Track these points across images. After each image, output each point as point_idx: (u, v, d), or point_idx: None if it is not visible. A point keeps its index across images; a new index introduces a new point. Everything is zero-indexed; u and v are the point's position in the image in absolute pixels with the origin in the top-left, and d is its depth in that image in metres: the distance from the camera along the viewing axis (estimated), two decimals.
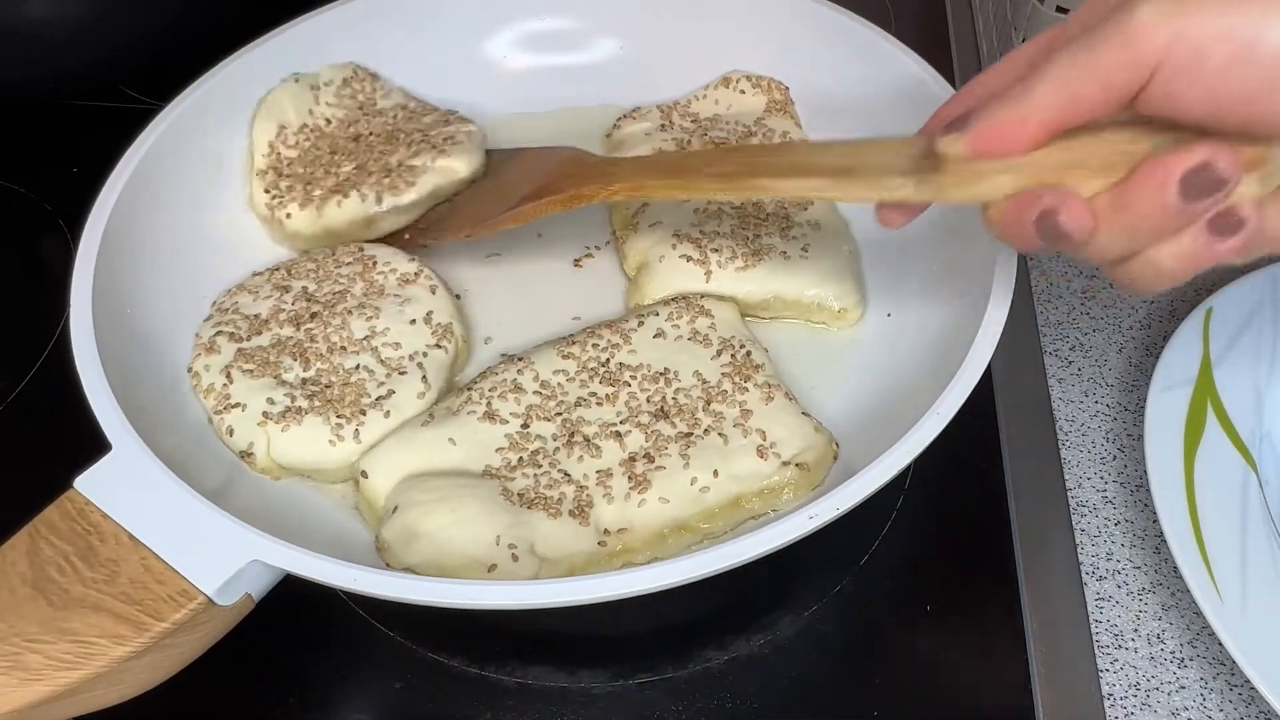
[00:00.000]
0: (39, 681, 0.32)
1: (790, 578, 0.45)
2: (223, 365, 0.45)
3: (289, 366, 0.45)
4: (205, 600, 0.34)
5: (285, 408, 0.43)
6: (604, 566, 0.40)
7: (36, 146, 0.65)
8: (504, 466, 0.42)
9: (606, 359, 0.45)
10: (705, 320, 0.47)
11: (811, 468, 0.42)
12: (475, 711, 0.41)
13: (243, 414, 0.43)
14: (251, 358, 0.45)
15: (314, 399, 0.43)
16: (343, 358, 0.45)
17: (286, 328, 0.46)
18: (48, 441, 0.49)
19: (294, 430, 0.42)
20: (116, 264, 0.45)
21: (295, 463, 0.43)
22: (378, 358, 0.45)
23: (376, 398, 0.44)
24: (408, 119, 0.54)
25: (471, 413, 0.43)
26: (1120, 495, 0.48)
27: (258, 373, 0.44)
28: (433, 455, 0.42)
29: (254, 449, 0.43)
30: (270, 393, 0.43)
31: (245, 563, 0.34)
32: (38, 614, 0.33)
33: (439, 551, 0.38)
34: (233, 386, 0.44)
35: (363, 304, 0.47)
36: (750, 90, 0.57)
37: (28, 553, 0.35)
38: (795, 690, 0.41)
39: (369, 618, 0.44)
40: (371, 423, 0.43)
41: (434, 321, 0.47)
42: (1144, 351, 0.53)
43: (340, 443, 0.42)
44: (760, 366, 0.45)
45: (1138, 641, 0.43)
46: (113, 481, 0.36)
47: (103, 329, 0.41)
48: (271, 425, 0.43)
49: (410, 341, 0.46)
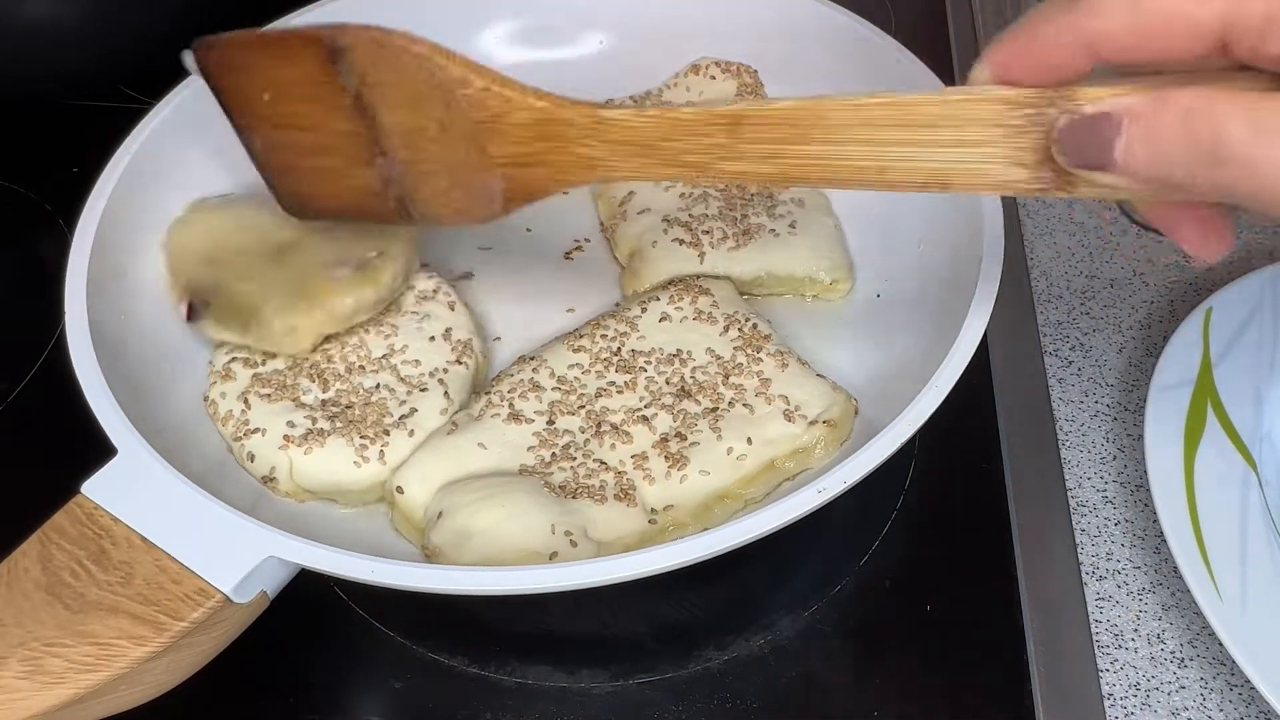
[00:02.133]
0: (61, 685, 0.32)
1: (790, 578, 0.45)
2: (239, 391, 0.44)
3: (307, 389, 0.44)
4: (223, 598, 0.34)
5: (307, 430, 0.42)
6: (658, 542, 0.39)
7: (36, 146, 0.65)
8: (539, 464, 0.42)
9: (618, 348, 0.46)
10: (706, 299, 0.47)
11: (838, 422, 0.43)
12: (475, 711, 0.41)
13: (263, 439, 0.42)
14: (268, 382, 0.44)
15: (335, 420, 0.43)
16: (362, 377, 0.44)
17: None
18: (49, 442, 0.49)
19: (317, 453, 0.42)
20: (111, 263, 0.45)
21: (320, 485, 0.42)
22: (398, 376, 0.45)
23: (399, 416, 0.43)
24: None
25: (496, 416, 0.43)
26: (1120, 495, 0.48)
27: (275, 396, 0.43)
28: (466, 461, 0.42)
29: (276, 473, 0.42)
30: (290, 415, 0.43)
31: (261, 559, 0.34)
32: (55, 618, 0.33)
33: (495, 547, 0.38)
34: (251, 412, 0.43)
35: (379, 322, 0.46)
36: (720, 75, 0.58)
37: (39, 558, 0.35)
38: (795, 690, 0.41)
39: (369, 618, 0.44)
40: (396, 442, 0.42)
41: (453, 338, 0.46)
42: (1144, 351, 0.53)
43: (365, 464, 0.42)
44: (769, 337, 0.46)
45: (1138, 641, 0.43)
46: (120, 485, 0.36)
47: (100, 331, 0.41)
48: (294, 448, 0.42)
49: (430, 359, 0.45)
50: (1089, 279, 0.57)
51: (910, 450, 0.48)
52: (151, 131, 0.49)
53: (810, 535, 0.35)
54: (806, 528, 0.36)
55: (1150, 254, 0.58)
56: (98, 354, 0.40)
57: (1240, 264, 0.57)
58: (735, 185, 0.53)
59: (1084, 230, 0.59)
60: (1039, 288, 0.56)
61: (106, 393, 0.39)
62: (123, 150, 0.48)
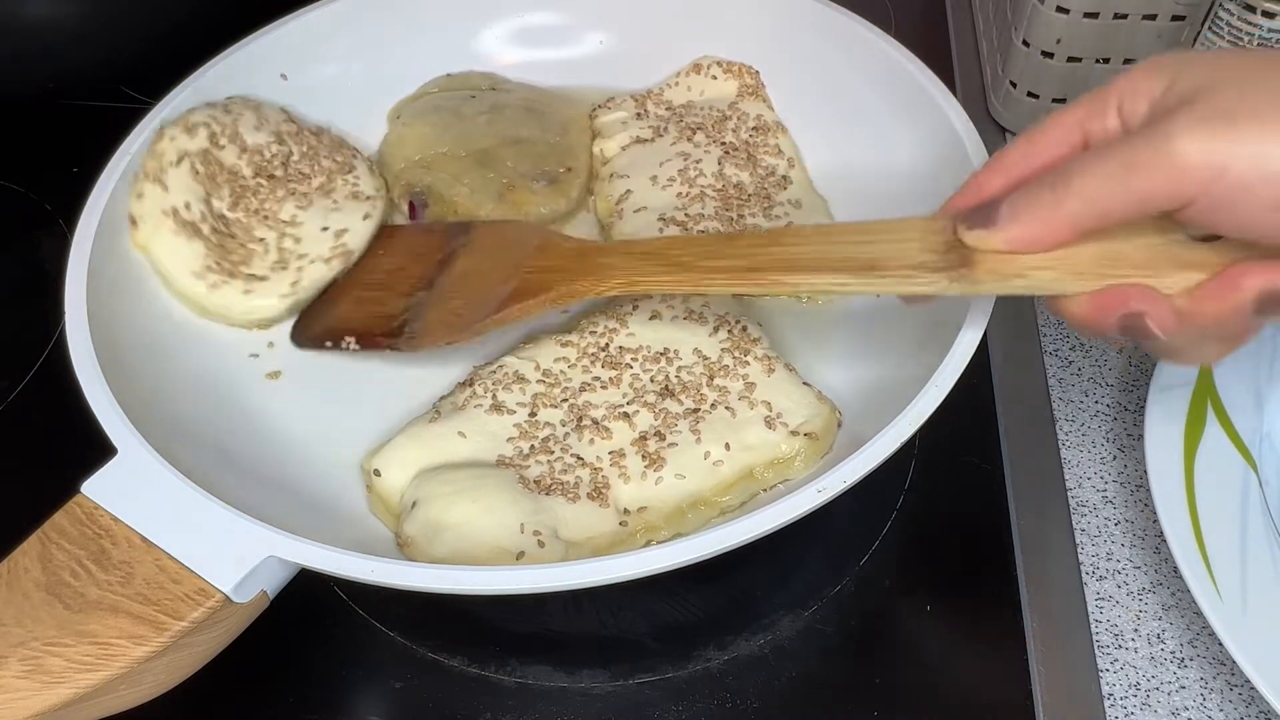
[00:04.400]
0: (62, 684, 0.32)
1: (790, 577, 0.45)
2: (185, 150, 0.47)
3: (223, 196, 0.47)
4: (223, 598, 0.34)
5: (192, 221, 0.46)
6: (628, 545, 0.40)
7: (36, 146, 0.65)
8: (517, 455, 0.42)
9: (606, 343, 0.46)
10: (698, 299, 0.47)
11: (819, 435, 0.42)
12: (475, 711, 0.41)
13: (162, 195, 0.46)
14: (209, 163, 0.47)
15: (214, 234, 0.46)
16: (258, 224, 0.48)
17: (248, 167, 0.48)
18: (49, 442, 0.49)
19: (179, 240, 0.45)
20: (112, 263, 0.45)
21: (154, 258, 0.46)
22: (278, 244, 0.47)
23: (251, 274, 0.46)
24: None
25: (478, 406, 0.44)
26: (1120, 495, 0.48)
27: (201, 179, 0.47)
28: (444, 449, 0.42)
29: (141, 223, 0.46)
30: (189, 199, 0.46)
31: (261, 559, 0.34)
32: (55, 618, 0.33)
33: (466, 542, 0.39)
34: (173, 171, 0.47)
35: (308, 194, 0.49)
36: (721, 75, 0.58)
37: (39, 558, 0.35)
38: (795, 690, 0.41)
39: (369, 618, 0.44)
40: (231, 287, 0.46)
41: (341, 240, 0.48)
42: (1144, 351, 0.53)
43: (198, 281, 0.45)
44: (758, 340, 0.46)
45: (1138, 641, 0.43)
46: (120, 485, 0.36)
47: (99, 330, 0.41)
48: (170, 222, 0.45)
49: (309, 245, 0.48)
50: None
51: (910, 450, 0.48)
52: (151, 131, 0.49)
53: (810, 535, 0.35)
54: (806, 528, 0.36)
55: None
56: (98, 354, 0.40)
57: None
58: (731, 184, 0.53)
59: None
60: None
61: (106, 392, 0.39)
62: (123, 150, 0.48)
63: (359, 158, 0.53)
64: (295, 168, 0.50)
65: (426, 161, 0.54)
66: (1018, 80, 0.61)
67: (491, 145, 0.54)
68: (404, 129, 0.55)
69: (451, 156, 0.54)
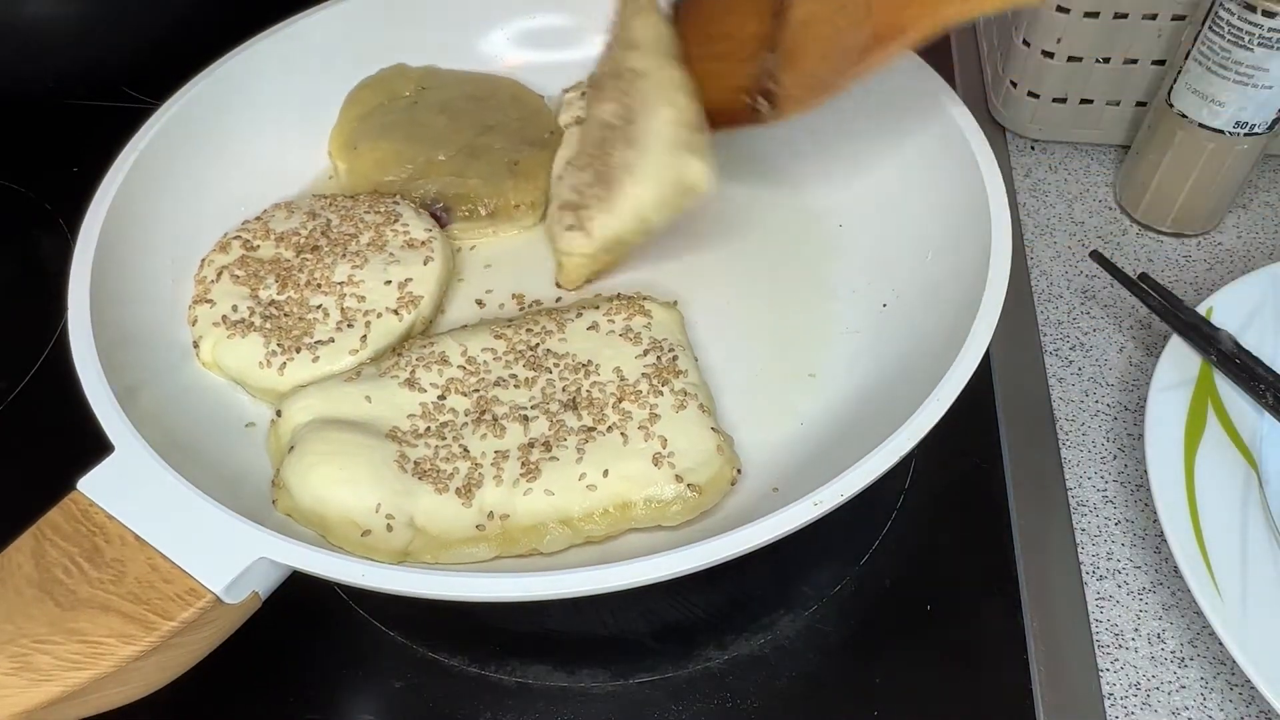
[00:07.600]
0: (49, 682, 0.32)
1: (790, 578, 0.45)
2: (223, 265, 0.49)
3: (269, 285, 0.48)
4: (213, 599, 0.34)
5: (242, 318, 0.47)
6: (478, 550, 0.40)
7: (36, 146, 0.65)
8: (410, 433, 0.42)
9: (536, 344, 0.46)
10: (641, 319, 0.47)
11: (702, 489, 0.41)
12: (475, 711, 0.41)
13: (209, 310, 0.47)
14: (247, 265, 0.49)
15: (268, 321, 0.46)
16: (312, 294, 0.48)
17: (289, 250, 0.49)
18: (49, 442, 0.49)
19: (236, 341, 0.46)
20: (114, 263, 0.45)
21: (227, 368, 0.46)
22: (340, 304, 0.47)
23: (316, 340, 0.46)
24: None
25: (395, 378, 0.44)
26: (1120, 495, 0.48)
27: (243, 280, 0.48)
28: (345, 407, 0.43)
29: (201, 343, 0.47)
30: (239, 301, 0.47)
31: (252, 560, 0.34)
32: (45, 615, 0.33)
33: (321, 505, 0.39)
34: (216, 285, 0.48)
35: (359, 252, 0.49)
36: None
37: (33, 554, 0.35)
38: (795, 690, 0.41)
39: (369, 617, 0.44)
40: (299, 361, 0.45)
41: (407, 289, 0.48)
42: (1144, 351, 0.53)
43: (267, 368, 0.45)
44: (683, 373, 0.44)
45: (1138, 641, 0.43)
46: (116, 482, 0.36)
47: (101, 329, 0.41)
48: (223, 329, 0.46)
49: (374, 299, 0.48)
50: (1089, 279, 0.57)
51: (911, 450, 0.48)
52: (157, 132, 0.49)
53: (810, 535, 0.35)
54: (806, 528, 0.36)
55: (1151, 253, 0.58)
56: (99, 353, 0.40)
57: (1240, 264, 0.57)
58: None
59: (1084, 230, 0.59)
60: (1039, 288, 0.56)
61: (106, 391, 0.39)
62: (128, 150, 0.48)
63: (402, 203, 0.52)
64: (338, 231, 0.50)
65: (417, 173, 0.54)
66: (1018, 79, 0.61)
67: (469, 138, 0.55)
68: (371, 152, 0.54)
69: (437, 160, 0.54)
